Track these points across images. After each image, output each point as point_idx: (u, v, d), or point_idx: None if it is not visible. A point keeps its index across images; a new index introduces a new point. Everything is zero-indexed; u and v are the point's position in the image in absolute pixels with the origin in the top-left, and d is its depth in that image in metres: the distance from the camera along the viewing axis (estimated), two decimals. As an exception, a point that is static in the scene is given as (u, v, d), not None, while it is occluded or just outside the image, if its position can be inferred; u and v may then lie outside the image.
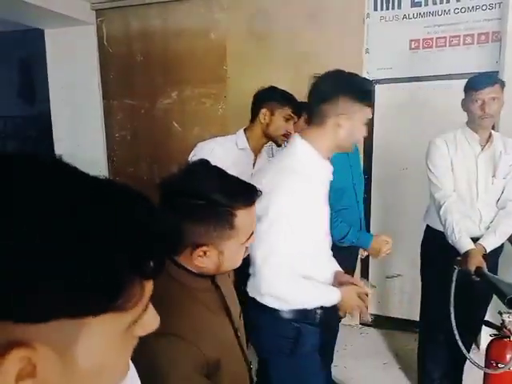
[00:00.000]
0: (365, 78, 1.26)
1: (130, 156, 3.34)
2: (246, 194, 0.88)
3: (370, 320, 3.01)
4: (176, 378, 0.77)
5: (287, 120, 1.86)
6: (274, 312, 1.31)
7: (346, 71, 1.28)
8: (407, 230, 2.79)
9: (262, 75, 2.73)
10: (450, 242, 1.87)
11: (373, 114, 2.08)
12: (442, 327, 1.99)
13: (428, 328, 2.17)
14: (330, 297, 1.32)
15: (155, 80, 3.15)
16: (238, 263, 0.93)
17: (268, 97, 1.86)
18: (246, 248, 0.94)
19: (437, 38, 2.72)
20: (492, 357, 1.80)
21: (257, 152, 1.95)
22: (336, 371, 2.33)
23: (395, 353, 2.67)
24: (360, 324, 3.02)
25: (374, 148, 2.89)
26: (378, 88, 2.82)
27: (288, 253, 1.22)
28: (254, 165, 1.97)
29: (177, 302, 0.84)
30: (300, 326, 1.33)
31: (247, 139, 1.91)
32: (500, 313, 1.82)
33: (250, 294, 1.35)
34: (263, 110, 1.85)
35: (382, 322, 3.01)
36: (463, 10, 2.63)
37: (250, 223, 0.92)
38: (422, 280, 2.20)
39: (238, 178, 0.91)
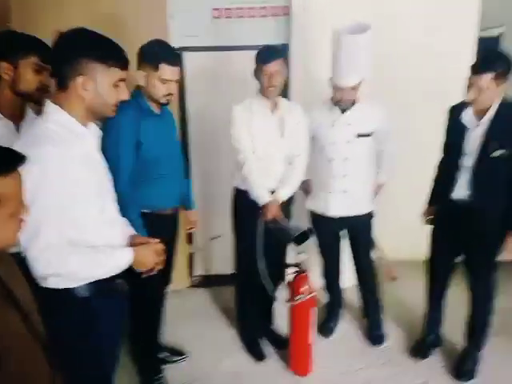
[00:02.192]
0: (110, 39, 1.22)
1: None
2: (3, 160, 0.81)
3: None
4: None
5: (37, 72, 1.59)
6: (63, 293, 1.22)
7: (90, 30, 1.23)
8: (224, 193, 3.00)
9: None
10: (252, 197, 2.12)
11: (182, 81, 2.09)
12: (253, 275, 2.24)
13: (241, 278, 2.42)
14: (120, 258, 1.28)
15: None
16: (11, 240, 0.86)
17: (4, 47, 1.57)
18: (22, 221, 0.87)
19: (236, 9, 2.90)
20: (293, 291, 2.15)
21: (18, 119, 1.62)
22: (168, 336, 2.41)
23: (221, 307, 2.91)
24: (188, 287, 3.16)
25: (188, 115, 2.97)
26: (186, 55, 2.86)
27: (57, 225, 1.16)
28: None
29: None
30: (96, 304, 1.27)
31: None
32: (297, 253, 2.18)
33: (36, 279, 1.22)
34: (2, 64, 1.56)
35: (210, 281, 3.21)
36: (257, -16, 2.85)
37: (14, 192, 0.84)
38: (234, 235, 2.41)
39: None
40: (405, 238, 3.19)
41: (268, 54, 2.06)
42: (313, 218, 2.48)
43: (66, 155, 1.16)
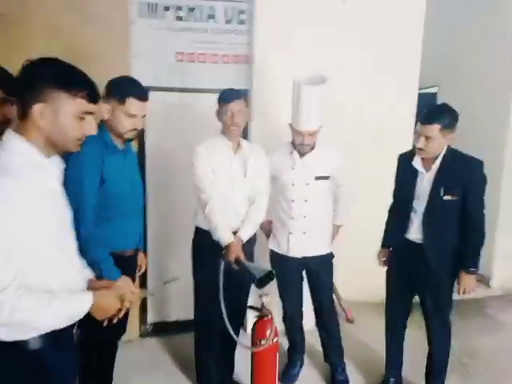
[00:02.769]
0: (80, 70, 1.18)
1: None
2: None
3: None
4: None
5: (0, 104, 1.54)
6: (13, 347, 1.09)
7: (61, 60, 1.18)
8: (181, 234, 2.93)
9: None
10: (214, 238, 2.08)
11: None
12: (214, 319, 2.15)
13: (201, 322, 2.31)
14: (80, 305, 1.16)
15: None
16: None
17: None
18: None
19: (199, 54, 2.98)
20: (257, 336, 2.08)
21: None
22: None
23: (177, 357, 2.74)
24: (140, 337, 2.97)
25: (146, 154, 2.92)
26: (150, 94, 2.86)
27: (7, 265, 1.03)
28: None
29: None
30: (49, 356, 1.14)
31: None
32: (260, 296, 2.13)
33: None
34: None
35: (162, 329, 3.05)
36: (220, 32, 2.97)
37: None
38: (194, 278, 2.33)
39: None
40: (362, 280, 3.27)
41: (230, 94, 2.13)
42: (274, 258, 2.47)
43: (24, 189, 1.07)
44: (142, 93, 1.80)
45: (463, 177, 2.04)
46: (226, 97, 2.12)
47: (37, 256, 1.11)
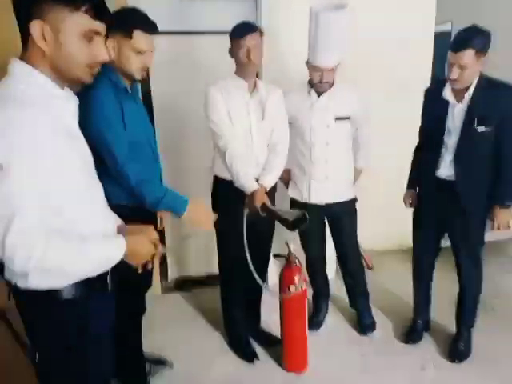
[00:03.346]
0: None
1: None
2: None
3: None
4: None
5: None
6: (45, 296, 1.02)
7: None
8: (196, 186, 2.84)
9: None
10: (237, 185, 1.96)
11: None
12: (239, 268, 2.10)
13: (227, 272, 2.27)
14: (114, 249, 1.07)
15: None
16: None
17: None
18: None
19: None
20: (285, 283, 2.03)
21: None
22: (145, 346, 2.20)
23: (201, 310, 2.73)
24: (162, 293, 2.95)
25: (153, 101, 2.78)
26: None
27: (36, 205, 0.94)
28: None
29: None
30: (83, 306, 1.08)
31: None
32: (286, 243, 2.06)
33: (10, 280, 1.01)
34: None
35: (183, 284, 3.02)
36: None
37: None
38: (216, 229, 2.25)
39: None
40: (386, 226, 3.22)
41: (244, 27, 1.94)
42: (295, 207, 2.38)
43: (44, 121, 0.95)
44: (150, 25, 1.63)
45: (499, 105, 1.90)
46: (240, 31, 1.93)
47: (64, 197, 1.01)
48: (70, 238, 1.01)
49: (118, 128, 1.55)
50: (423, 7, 3.12)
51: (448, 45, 1.93)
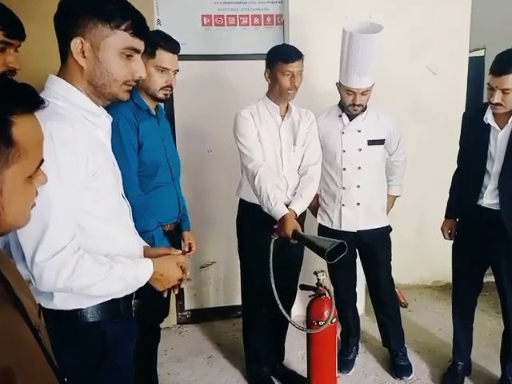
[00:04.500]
0: None
1: None
2: (27, 95, 0.62)
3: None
4: None
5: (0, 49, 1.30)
6: (69, 316, 1.01)
7: None
8: (218, 215, 2.81)
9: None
10: (265, 210, 1.90)
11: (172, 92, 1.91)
12: (264, 300, 2.04)
13: (250, 303, 2.19)
14: (142, 271, 1.06)
15: None
16: (25, 215, 0.64)
17: None
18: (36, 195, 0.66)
19: (228, 16, 2.82)
20: (313, 316, 1.92)
21: None
22: (160, 379, 2.10)
23: (218, 343, 2.63)
24: (177, 324, 2.86)
25: (176, 128, 2.79)
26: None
27: (70, 223, 0.94)
28: None
29: None
30: (107, 329, 1.06)
31: None
32: (315, 273, 1.97)
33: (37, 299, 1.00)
34: None
35: (199, 316, 2.92)
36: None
37: (38, 140, 0.64)
38: (240, 257, 2.21)
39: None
40: (413, 259, 3.10)
41: (291, 52, 1.94)
42: (324, 234, 2.29)
43: (80, 136, 0.95)
44: (173, 44, 1.71)
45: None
46: (287, 55, 1.91)
47: (94, 215, 1.01)
48: (98, 257, 0.99)
49: (130, 152, 1.61)
50: (457, 32, 3.11)
51: (481, 70, 1.90)
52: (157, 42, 1.65)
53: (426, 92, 3.04)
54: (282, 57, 1.93)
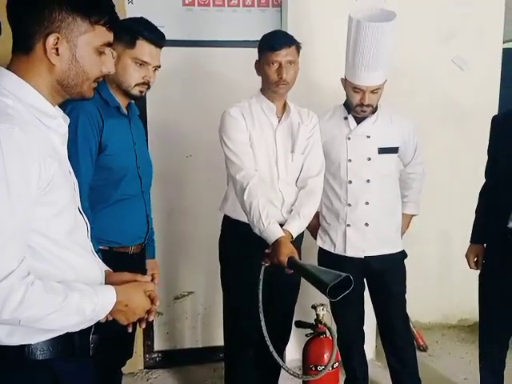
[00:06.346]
0: None
1: None
2: None
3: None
4: None
5: None
6: (15, 353, 1.04)
7: None
8: (197, 235, 2.86)
9: None
10: (256, 231, 1.94)
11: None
12: (251, 340, 2.10)
13: (234, 344, 2.24)
14: (101, 300, 1.08)
15: None
16: None
17: None
18: None
19: (212, -4, 2.91)
20: (310, 360, 1.97)
21: None
22: None
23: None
24: (145, 368, 2.90)
25: (148, 128, 2.85)
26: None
27: (20, 243, 0.98)
28: None
29: None
30: (59, 370, 1.09)
31: None
32: (314, 307, 2.02)
33: None
34: None
35: (172, 359, 2.97)
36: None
37: None
38: (223, 288, 2.25)
39: None
40: (435, 292, 3.17)
41: (278, 39, 2.02)
42: (325, 260, 2.35)
43: (30, 141, 0.98)
44: (157, 36, 1.76)
45: None
46: (273, 42, 2.00)
47: (46, 235, 1.05)
48: (51, 284, 1.02)
49: (85, 159, 1.65)
50: (489, 22, 3.21)
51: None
52: (138, 30, 1.71)
53: (453, 89, 3.14)
54: (268, 44, 2.01)
